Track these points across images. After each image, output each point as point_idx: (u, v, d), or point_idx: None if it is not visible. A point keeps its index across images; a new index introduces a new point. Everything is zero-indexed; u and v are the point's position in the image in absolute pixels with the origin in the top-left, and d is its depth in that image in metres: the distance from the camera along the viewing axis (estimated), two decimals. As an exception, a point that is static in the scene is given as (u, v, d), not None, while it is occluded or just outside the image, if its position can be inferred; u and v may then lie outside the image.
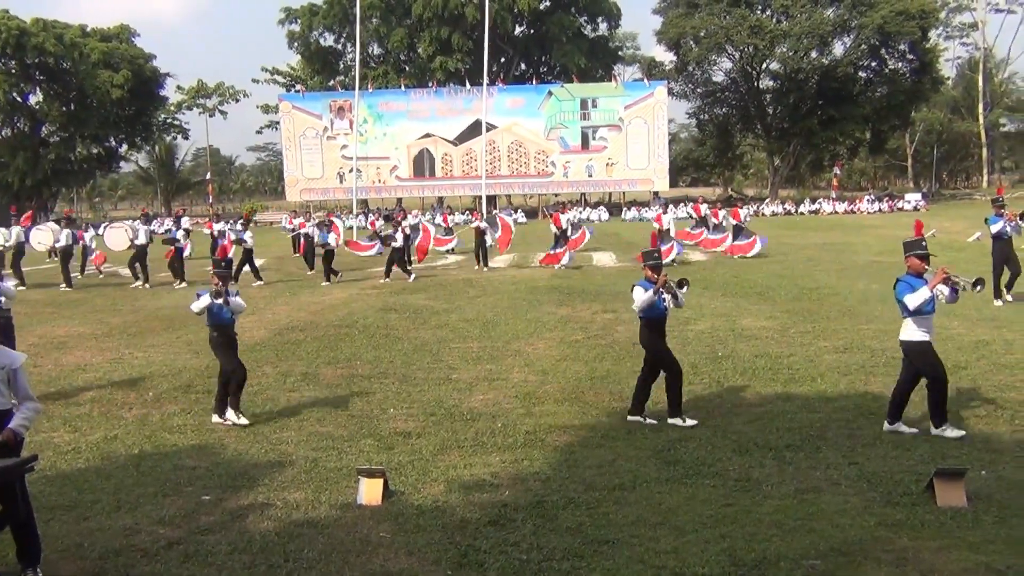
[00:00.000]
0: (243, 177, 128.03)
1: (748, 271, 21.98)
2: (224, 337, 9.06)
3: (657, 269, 8.71)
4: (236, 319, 9.21)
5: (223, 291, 8.85)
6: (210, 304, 8.81)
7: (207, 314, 8.92)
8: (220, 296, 8.80)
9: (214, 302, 8.81)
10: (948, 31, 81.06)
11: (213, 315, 8.90)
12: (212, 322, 8.98)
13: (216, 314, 8.90)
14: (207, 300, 8.80)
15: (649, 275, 8.71)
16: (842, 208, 59.75)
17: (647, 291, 8.57)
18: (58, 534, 6.08)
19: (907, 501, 6.34)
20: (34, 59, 66.25)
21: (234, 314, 9.09)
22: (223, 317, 8.96)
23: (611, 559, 5.49)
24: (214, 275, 9.06)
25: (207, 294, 8.85)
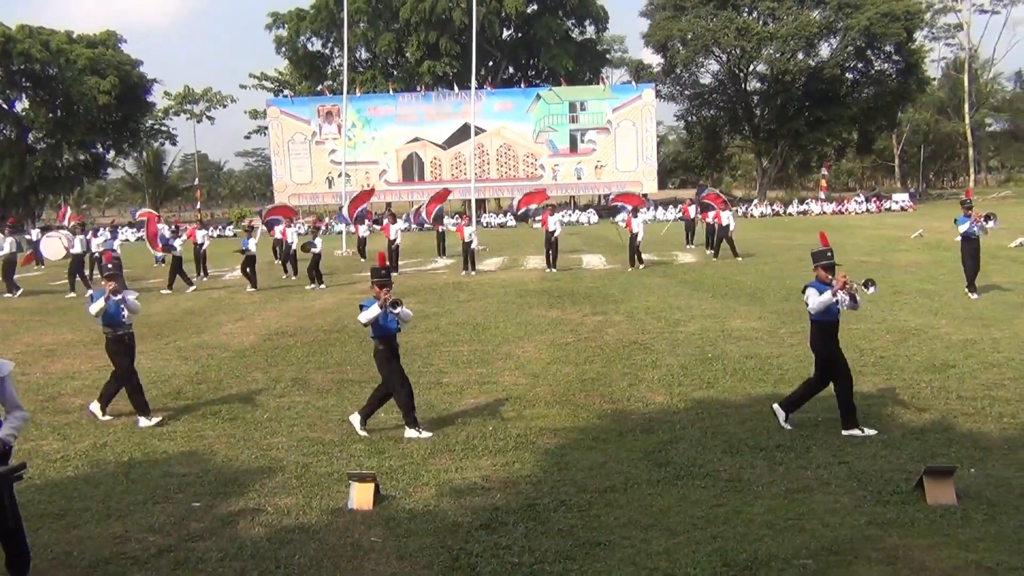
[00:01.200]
0: (232, 182, 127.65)
1: (737, 273, 22.04)
2: (389, 349, 8.61)
3: (831, 269, 8.22)
4: (403, 329, 8.84)
5: (397, 301, 8.51)
6: (379, 315, 8.37)
7: (373, 327, 8.49)
8: (397, 306, 8.44)
9: (383, 312, 8.40)
10: (933, 32, 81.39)
11: (379, 326, 8.49)
12: (378, 334, 8.54)
13: (383, 325, 8.49)
14: (375, 311, 8.35)
15: (823, 276, 8.22)
16: (830, 209, 59.97)
17: (823, 293, 8.07)
18: (47, 543, 6.04)
19: (897, 499, 6.36)
20: (20, 66, 65.86)
21: (402, 323, 8.70)
22: (390, 327, 8.56)
23: (603, 561, 5.49)
24: (375, 284, 8.54)
25: (374, 304, 8.36)
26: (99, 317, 9.21)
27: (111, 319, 9.17)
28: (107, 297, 9.05)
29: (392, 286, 8.66)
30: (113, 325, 9.22)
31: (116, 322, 9.22)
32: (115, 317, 9.16)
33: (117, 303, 9.12)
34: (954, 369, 10.36)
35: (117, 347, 9.30)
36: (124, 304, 9.22)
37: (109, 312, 9.11)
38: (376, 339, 8.61)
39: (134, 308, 9.37)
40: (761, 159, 73.80)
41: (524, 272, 24.66)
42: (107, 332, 9.30)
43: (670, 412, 9.08)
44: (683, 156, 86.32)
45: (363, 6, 65.31)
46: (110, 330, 9.26)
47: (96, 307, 9.03)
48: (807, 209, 61.17)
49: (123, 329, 9.31)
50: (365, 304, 8.55)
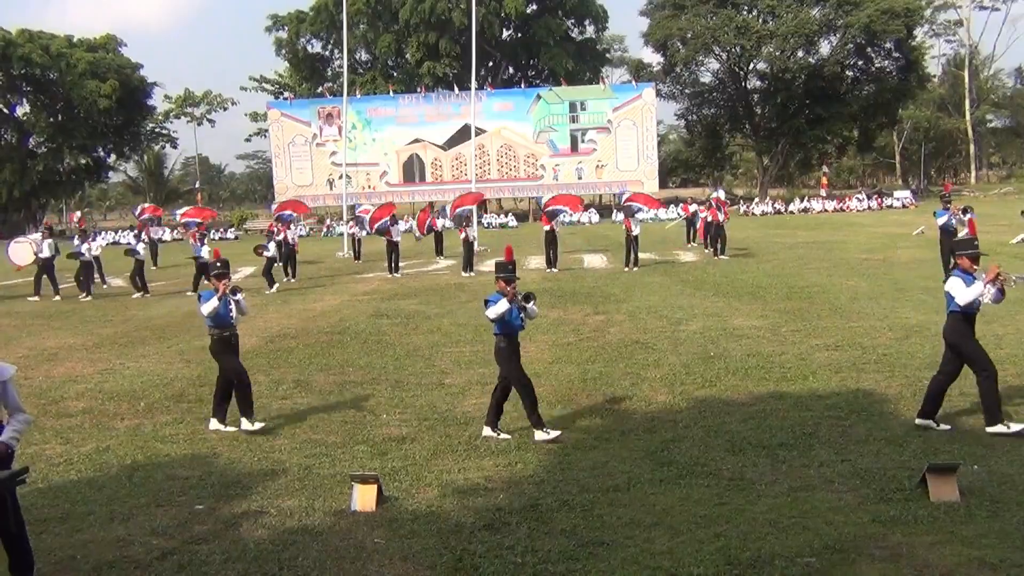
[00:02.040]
0: (233, 185, 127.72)
1: (739, 271, 22.03)
2: (512, 347, 8.44)
3: (977, 259, 8.04)
4: (525, 326, 8.72)
5: (530, 295, 8.48)
6: (508, 310, 8.17)
7: (498, 323, 8.31)
8: (530, 300, 8.39)
9: (512, 308, 8.23)
10: (933, 29, 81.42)
11: (504, 323, 8.28)
12: (502, 330, 8.34)
13: (508, 321, 8.30)
14: (504, 306, 8.10)
15: (967, 266, 8.02)
16: (832, 206, 59.95)
17: (971, 284, 7.85)
18: (51, 547, 6.04)
19: (900, 497, 6.35)
20: (20, 70, 66.06)
21: (527, 320, 8.59)
22: (515, 324, 8.38)
23: (606, 561, 5.49)
24: (501, 279, 8.31)
25: (502, 299, 8.15)
26: (209, 317, 8.90)
27: (220, 319, 8.91)
28: (220, 296, 8.79)
29: (516, 281, 8.47)
30: (221, 326, 8.97)
31: (225, 322, 8.96)
32: (224, 317, 8.91)
33: (227, 303, 8.88)
34: (956, 366, 10.33)
35: (223, 347, 9.04)
36: (237, 304, 9.01)
37: (219, 312, 8.85)
38: (499, 336, 8.39)
39: (244, 309, 9.19)
40: (762, 157, 73.77)
41: (525, 272, 24.63)
42: (213, 333, 9.02)
43: (672, 411, 9.08)
44: (684, 155, 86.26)
45: (363, 8, 65.34)
46: (217, 331, 8.99)
47: (209, 306, 8.76)
48: (808, 207, 61.15)
49: (229, 330, 9.04)
50: (491, 299, 8.25)
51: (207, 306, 8.78)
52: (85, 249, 23.41)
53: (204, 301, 8.89)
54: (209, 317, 8.91)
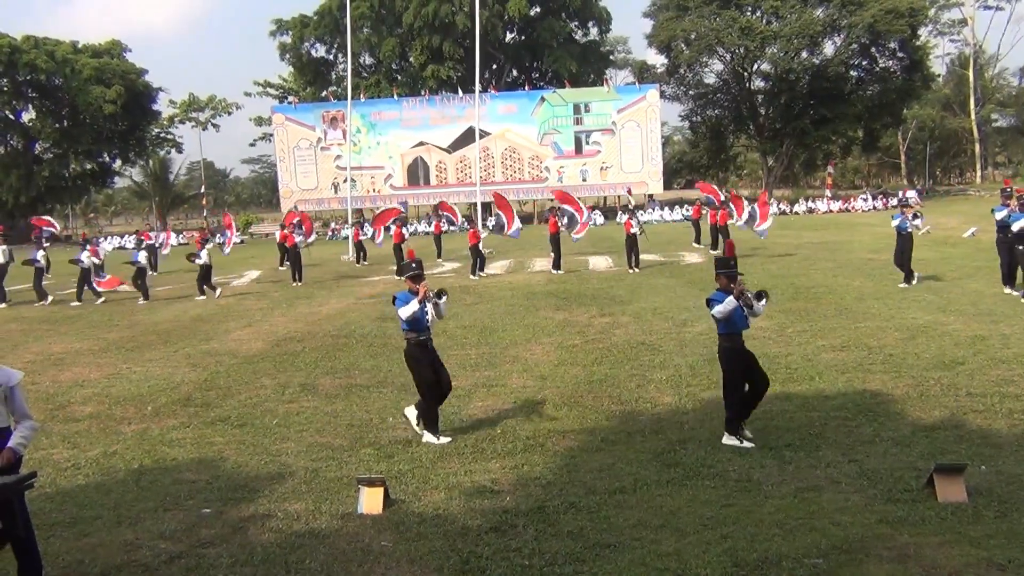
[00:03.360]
0: (238, 190, 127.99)
1: (745, 272, 21.95)
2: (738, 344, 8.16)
3: (733, 278, 8.12)
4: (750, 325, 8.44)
5: (762, 292, 8.28)
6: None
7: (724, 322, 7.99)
8: (762, 298, 8.15)
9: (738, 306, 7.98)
10: (938, 28, 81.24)
11: (730, 321, 7.99)
12: (728, 329, 8.07)
13: (735, 321, 8.02)
14: (732, 304, 7.83)
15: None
16: (837, 207, 59.81)
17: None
18: (59, 551, 6.06)
19: (907, 498, 6.34)
20: (26, 76, 66.25)
21: (752, 317, 8.27)
22: (738, 323, 8.08)
23: (613, 563, 5.49)
24: (724, 276, 8.19)
25: (729, 297, 7.91)
26: (406, 321, 8.54)
27: (417, 323, 8.55)
28: (422, 299, 8.47)
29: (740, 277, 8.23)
30: (418, 330, 8.60)
31: (421, 326, 8.60)
32: (421, 321, 8.56)
33: (424, 306, 8.56)
34: (963, 366, 10.33)
35: (420, 352, 8.65)
36: (436, 308, 8.69)
37: (416, 315, 8.53)
38: (724, 335, 8.11)
39: (443, 312, 8.86)
40: (766, 158, 73.63)
41: (531, 275, 24.66)
42: (410, 337, 8.64)
43: (679, 413, 9.07)
44: (688, 156, 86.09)
45: (366, 11, 65.40)
46: (414, 335, 8.61)
47: (409, 310, 8.40)
48: (813, 208, 60.99)
49: (426, 334, 8.68)
50: (716, 298, 7.97)
51: (406, 309, 8.42)
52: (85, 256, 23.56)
53: (401, 304, 8.51)
54: (406, 321, 8.53)
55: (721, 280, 8.14)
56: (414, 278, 8.61)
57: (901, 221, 17.98)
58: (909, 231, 17.88)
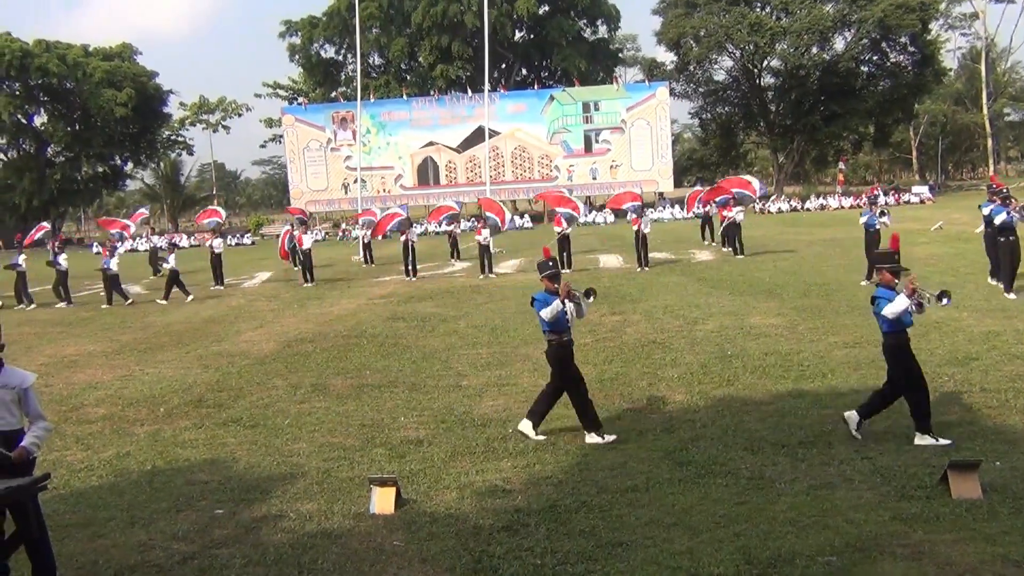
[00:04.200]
0: (249, 191, 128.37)
1: (756, 269, 21.93)
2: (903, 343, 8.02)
3: (897, 274, 8.00)
4: None
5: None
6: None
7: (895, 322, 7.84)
8: (943, 298, 7.87)
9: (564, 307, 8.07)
10: (949, 22, 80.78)
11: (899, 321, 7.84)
12: (896, 328, 7.90)
13: (904, 320, 7.87)
14: (904, 302, 7.66)
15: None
16: (848, 203, 59.55)
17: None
18: (73, 552, 6.09)
19: (921, 495, 6.30)
20: (38, 80, 66.67)
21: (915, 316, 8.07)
22: (906, 322, 7.92)
23: (625, 561, 5.47)
24: (887, 271, 7.89)
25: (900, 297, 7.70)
26: (549, 321, 8.28)
27: (558, 323, 8.29)
28: (564, 298, 8.18)
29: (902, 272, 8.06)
30: (560, 330, 8.36)
31: (563, 326, 8.35)
32: (562, 321, 8.30)
33: (565, 306, 8.29)
34: (977, 362, 10.26)
35: (563, 353, 8.42)
36: (577, 308, 8.43)
37: (558, 315, 8.25)
38: (890, 333, 7.94)
39: (583, 312, 8.60)
40: (777, 155, 73.41)
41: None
42: (552, 338, 8.40)
43: (690, 411, 9.05)
44: (698, 154, 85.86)
45: (375, 12, 65.54)
46: (556, 336, 8.36)
47: (552, 310, 8.12)
48: (825, 204, 60.77)
49: (567, 335, 8.44)
50: (882, 295, 7.82)
51: (549, 310, 8.16)
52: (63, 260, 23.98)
53: (541, 305, 8.25)
54: (547, 322, 8.29)
55: (884, 276, 7.82)
56: (552, 277, 8.39)
57: (869, 218, 18.78)
58: (877, 228, 18.65)
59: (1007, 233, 15.57)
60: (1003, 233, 15.68)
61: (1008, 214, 15.58)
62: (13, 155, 72.18)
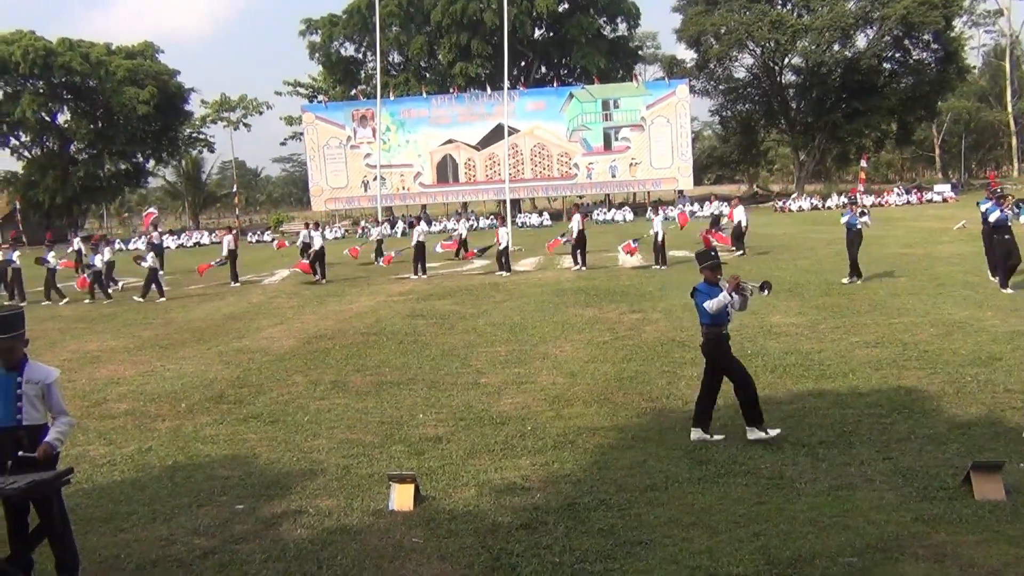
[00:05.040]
0: (269, 188, 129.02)
1: (776, 268, 21.82)
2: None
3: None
4: None
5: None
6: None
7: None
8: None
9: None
10: (973, 19, 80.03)
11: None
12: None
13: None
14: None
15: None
16: (870, 201, 59.05)
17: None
18: (96, 546, 6.14)
19: (944, 496, 6.25)
20: (61, 78, 67.23)
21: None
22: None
23: (644, 560, 5.46)
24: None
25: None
26: (714, 313, 7.86)
27: (720, 316, 7.93)
28: (732, 290, 7.85)
29: None
30: (721, 323, 8.02)
31: (724, 319, 8.02)
32: (724, 314, 7.96)
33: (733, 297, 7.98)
34: (1001, 362, 10.16)
35: (720, 347, 8.06)
36: (744, 299, 8.06)
37: (723, 308, 7.89)
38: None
39: (745, 305, 8.17)
40: (798, 153, 72.94)
41: (560, 272, 24.62)
42: (710, 332, 8.02)
43: (710, 410, 9.00)
44: (719, 152, 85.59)
45: (395, 10, 65.65)
46: (715, 329, 8.00)
47: (719, 302, 7.77)
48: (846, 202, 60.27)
49: (726, 328, 8.10)
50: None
51: (716, 302, 7.79)
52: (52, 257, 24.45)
53: (704, 297, 7.90)
54: (710, 314, 7.90)
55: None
56: (714, 268, 8.11)
57: (850, 218, 18.86)
58: (858, 227, 18.69)
59: (1002, 231, 16.02)
60: (998, 231, 16.12)
61: (1002, 212, 16.17)
62: (37, 152, 72.82)
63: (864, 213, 19.34)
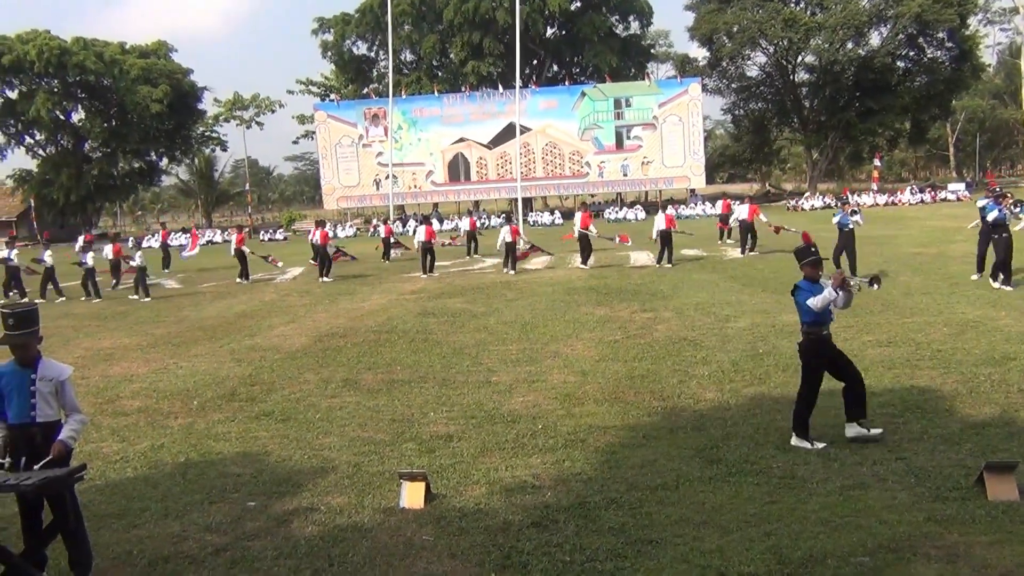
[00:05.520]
0: (281, 187, 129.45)
1: (788, 267, 21.71)
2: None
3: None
4: None
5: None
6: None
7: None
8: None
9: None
10: (988, 17, 79.60)
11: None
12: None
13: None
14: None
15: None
16: (883, 200, 58.83)
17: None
18: (108, 542, 6.18)
19: (956, 496, 6.22)
20: (75, 77, 67.65)
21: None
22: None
23: (655, 559, 5.45)
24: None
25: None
26: (818, 311, 7.52)
27: (824, 314, 7.61)
28: (837, 285, 7.48)
29: None
30: (822, 322, 7.68)
31: (827, 319, 7.70)
32: (828, 312, 7.64)
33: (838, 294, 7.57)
34: (1015, 361, 10.10)
35: (821, 347, 7.75)
36: (848, 296, 7.68)
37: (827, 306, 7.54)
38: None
39: (849, 302, 7.77)
40: (811, 151, 72.65)
41: (571, 270, 24.60)
42: (811, 332, 7.69)
43: (721, 409, 8.99)
44: (731, 150, 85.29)
45: (407, 8, 65.72)
46: (816, 328, 7.67)
47: (825, 299, 7.40)
48: (859, 201, 60.03)
49: (827, 327, 7.78)
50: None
51: (820, 299, 7.42)
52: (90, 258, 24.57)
53: (807, 295, 7.54)
54: (812, 313, 7.56)
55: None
56: (815, 264, 7.75)
57: (842, 217, 18.93)
58: (850, 227, 18.81)
59: (1000, 230, 16.24)
60: (996, 230, 16.32)
61: (1000, 211, 16.37)
62: (51, 151, 73.31)
63: (855, 212, 19.36)
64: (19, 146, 73.58)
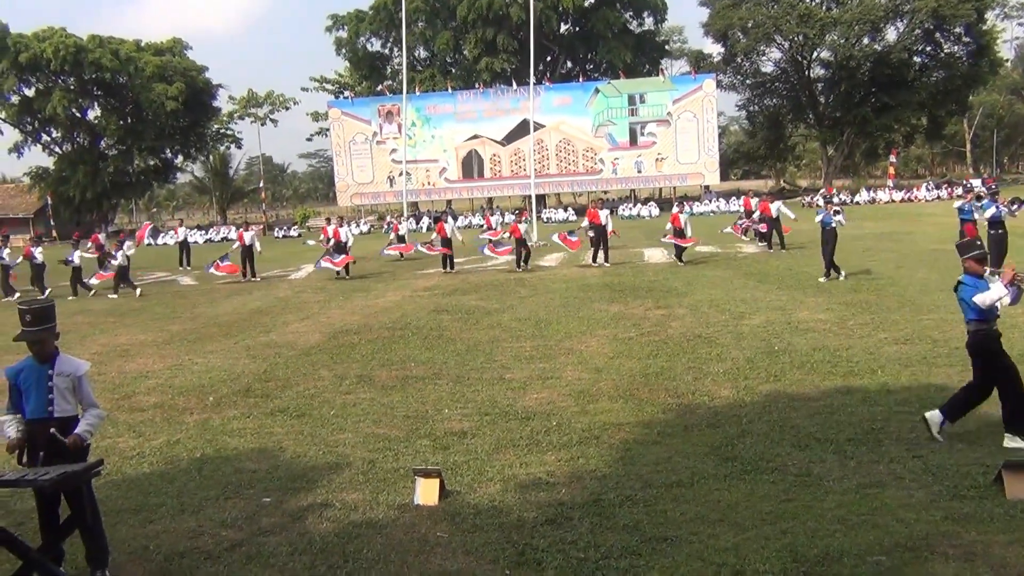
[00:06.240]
0: (295, 184, 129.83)
1: (804, 264, 21.64)
2: None
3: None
4: None
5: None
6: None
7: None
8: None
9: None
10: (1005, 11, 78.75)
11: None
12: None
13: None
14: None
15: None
16: (899, 196, 58.48)
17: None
18: (125, 537, 6.21)
19: (974, 494, 6.16)
20: (91, 75, 68.09)
21: None
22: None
23: (670, 557, 5.44)
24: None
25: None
26: (986, 308, 7.17)
27: (992, 310, 7.23)
28: (1010, 282, 7.12)
29: None
30: (990, 319, 7.30)
31: (994, 314, 7.31)
32: (995, 308, 7.25)
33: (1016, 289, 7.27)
34: (1033, 359, 10.00)
35: (991, 343, 7.34)
36: (1020, 292, 7.30)
37: None
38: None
39: (1018, 298, 7.38)
40: (826, 147, 72.28)
41: (585, 267, 24.57)
42: (980, 328, 7.30)
43: (736, 406, 8.95)
44: (745, 147, 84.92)
45: (421, 5, 65.77)
46: (985, 325, 7.29)
47: (994, 295, 7.05)
48: (875, 198, 59.74)
49: (994, 324, 7.35)
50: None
51: (988, 295, 7.09)
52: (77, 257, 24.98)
53: (972, 291, 7.19)
54: (983, 309, 7.19)
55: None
56: (980, 259, 7.42)
57: (825, 216, 18.96)
58: (833, 226, 18.72)
59: (996, 227, 16.85)
60: (992, 227, 16.95)
61: (997, 208, 17.00)
62: (68, 148, 73.79)
63: (838, 212, 19.41)
64: (36, 143, 74.12)
